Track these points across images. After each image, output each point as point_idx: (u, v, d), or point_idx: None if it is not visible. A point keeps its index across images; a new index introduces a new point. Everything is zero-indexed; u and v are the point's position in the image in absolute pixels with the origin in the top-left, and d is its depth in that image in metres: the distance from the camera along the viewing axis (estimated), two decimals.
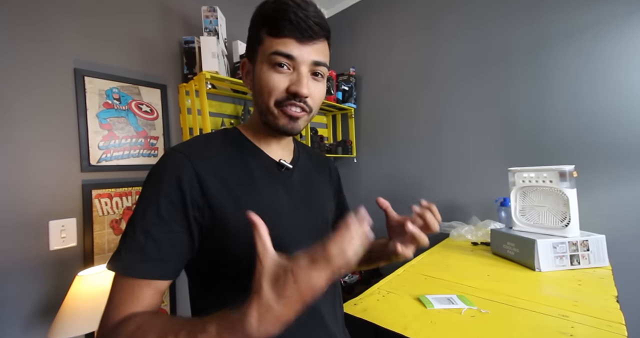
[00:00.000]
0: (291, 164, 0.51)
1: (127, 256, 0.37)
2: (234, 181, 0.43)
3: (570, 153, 1.15)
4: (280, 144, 0.51)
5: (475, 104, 1.40)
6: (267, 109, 0.44)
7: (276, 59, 0.42)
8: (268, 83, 0.42)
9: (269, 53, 0.42)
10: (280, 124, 0.44)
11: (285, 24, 0.40)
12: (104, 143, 1.06)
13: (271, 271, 0.28)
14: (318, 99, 0.46)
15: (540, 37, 1.21)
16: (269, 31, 0.42)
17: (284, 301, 0.27)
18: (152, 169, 0.42)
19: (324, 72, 0.46)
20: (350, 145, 1.80)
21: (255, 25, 0.45)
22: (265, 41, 0.43)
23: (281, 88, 0.42)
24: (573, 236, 0.84)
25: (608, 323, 0.55)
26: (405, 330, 0.56)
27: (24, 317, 0.89)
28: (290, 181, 0.50)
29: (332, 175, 0.63)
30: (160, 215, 0.38)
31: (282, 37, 0.41)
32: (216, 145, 0.46)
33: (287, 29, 0.41)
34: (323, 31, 0.43)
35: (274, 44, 0.42)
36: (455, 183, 1.46)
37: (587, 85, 1.12)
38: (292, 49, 0.41)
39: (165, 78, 1.25)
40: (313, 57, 0.43)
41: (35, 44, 0.93)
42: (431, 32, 1.53)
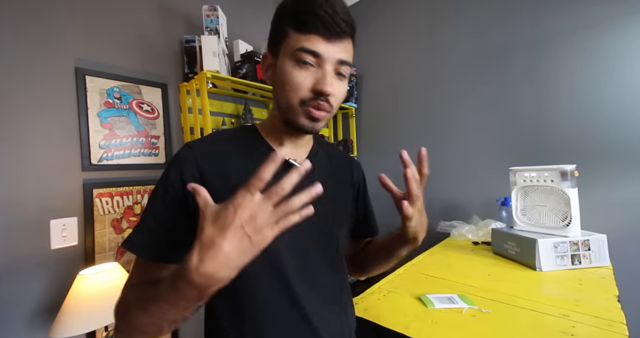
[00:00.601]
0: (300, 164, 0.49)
1: (137, 237, 0.42)
2: (236, 177, 0.43)
3: (571, 152, 1.14)
4: (296, 143, 0.50)
5: (476, 103, 1.40)
6: (289, 106, 0.43)
7: (301, 56, 0.41)
8: (292, 80, 0.41)
9: (294, 49, 0.41)
10: (301, 122, 0.44)
11: (313, 19, 0.39)
12: (105, 142, 1.06)
13: (211, 210, 0.30)
14: (340, 99, 0.45)
15: (543, 35, 1.21)
16: (295, 26, 0.41)
17: (226, 238, 0.27)
18: (168, 166, 0.45)
19: (348, 72, 0.45)
20: (351, 144, 1.80)
21: (280, 19, 0.44)
22: (290, 36, 0.42)
23: (306, 86, 0.42)
24: (574, 236, 0.83)
25: (609, 323, 0.55)
26: (407, 330, 0.56)
27: (26, 315, 0.89)
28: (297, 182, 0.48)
29: (354, 177, 0.60)
30: (165, 202, 0.42)
31: (308, 33, 0.40)
32: (228, 141, 0.48)
33: (313, 25, 0.40)
34: (350, 29, 0.42)
35: (300, 39, 0.41)
36: (457, 183, 1.46)
37: (589, 84, 1.12)
38: (318, 46, 0.40)
39: (166, 77, 1.25)
40: (338, 56, 0.42)
41: (36, 43, 0.93)
42: (433, 32, 1.53)
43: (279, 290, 0.44)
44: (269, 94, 1.48)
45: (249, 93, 1.47)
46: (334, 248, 0.51)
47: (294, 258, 0.45)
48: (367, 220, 0.65)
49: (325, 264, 0.49)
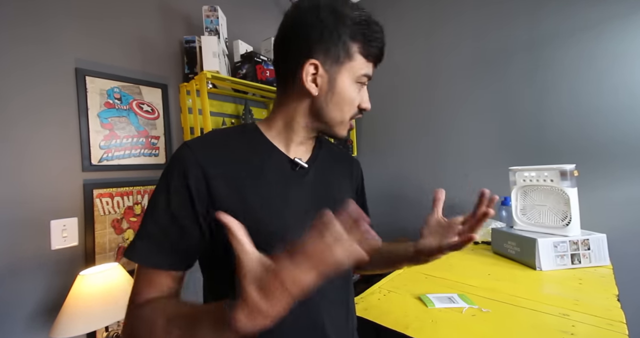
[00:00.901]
0: (307, 163, 0.50)
1: (140, 245, 0.40)
2: (242, 178, 0.43)
3: (571, 152, 1.15)
4: (303, 144, 0.51)
5: (476, 103, 1.40)
6: (342, 120, 0.47)
7: (363, 79, 0.46)
8: (353, 99, 0.46)
9: (360, 74, 0.46)
10: (343, 134, 0.49)
11: (378, 52, 0.46)
12: (105, 142, 1.06)
13: (253, 272, 0.28)
14: None
15: (542, 36, 1.21)
16: (362, 51, 0.45)
17: (270, 301, 0.27)
18: (167, 163, 0.46)
19: None
20: (351, 145, 1.80)
21: (344, 35, 0.44)
22: (356, 59, 0.45)
23: (356, 103, 0.47)
24: (574, 235, 0.84)
25: (609, 322, 0.55)
26: (407, 329, 0.56)
27: (26, 315, 0.89)
28: (304, 180, 0.48)
29: (354, 175, 0.61)
30: (170, 208, 0.40)
31: (371, 61, 0.47)
32: (230, 140, 0.46)
33: (375, 56, 0.46)
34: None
35: (366, 66, 0.46)
36: (456, 183, 1.46)
37: (588, 84, 1.12)
38: (371, 71, 0.48)
39: (166, 77, 1.25)
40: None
41: (37, 44, 0.93)
42: (433, 34, 1.53)
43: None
44: (269, 94, 1.48)
45: (249, 93, 1.48)
46: None
47: None
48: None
49: None
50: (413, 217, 1.61)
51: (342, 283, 0.51)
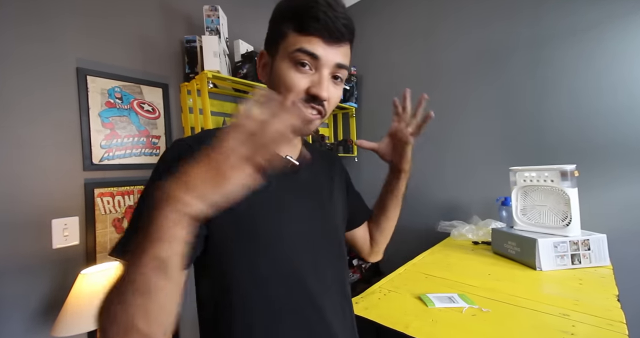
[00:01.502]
0: (297, 161, 0.48)
1: (127, 242, 0.36)
2: None
3: (571, 152, 1.15)
4: (290, 142, 0.50)
5: (476, 103, 1.40)
6: None
7: (299, 57, 0.40)
8: (287, 81, 0.41)
9: (292, 50, 0.40)
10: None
11: (314, 22, 0.39)
12: (106, 142, 1.07)
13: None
14: (334, 103, 0.46)
15: (542, 36, 1.21)
16: (295, 27, 0.40)
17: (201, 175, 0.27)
18: (159, 159, 0.41)
19: (344, 76, 0.45)
20: (352, 144, 1.80)
21: (279, 18, 0.43)
22: (289, 37, 0.41)
23: (301, 88, 0.41)
24: (574, 235, 0.84)
25: (609, 322, 0.55)
26: (407, 329, 0.56)
27: (28, 314, 0.89)
28: (297, 177, 0.48)
29: (340, 170, 0.62)
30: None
31: (308, 35, 0.40)
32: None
33: (314, 28, 0.39)
34: (350, 34, 0.42)
35: (299, 40, 0.40)
36: (457, 183, 1.46)
37: (590, 84, 1.12)
38: (317, 49, 0.40)
39: (167, 77, 1.25)
40: (337, 60, 0.42)
41: (38, 44, 0.94)
42: (433, 32, 1.53)
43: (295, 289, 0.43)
44: None
45: (250, 93, 1.48)
46: (338, 243, 0.52)
47: (308, 256, 0.45)
48: (362, 206, 0.68)
49: (332, 259, 0.49)
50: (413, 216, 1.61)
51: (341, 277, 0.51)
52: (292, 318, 0.42)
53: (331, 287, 0.47)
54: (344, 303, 0.51)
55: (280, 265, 0.42)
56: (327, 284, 0.47)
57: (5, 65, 0.88)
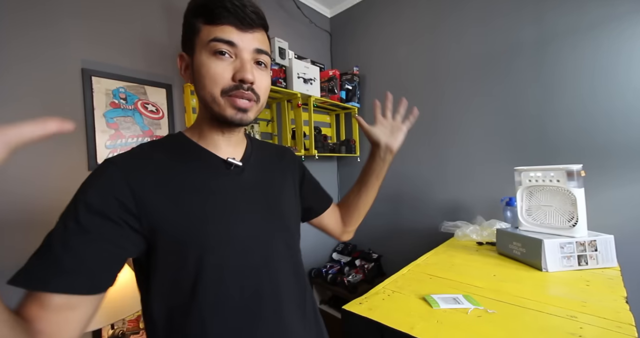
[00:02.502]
0: (242, 161, 0.49)
1: (40, 270, 0.33)
2: (175, 186, 0.41)
3: (577, 152, 1.13)
4: (230, 141, 0.49)
5: (480, 102, 1.39)
6: (212, 99, 0.42)
7: (216, 46, 0.41)
8: (210, 71, 0.41)
9: (207, 40, 0.41)
10: (228, 114, 0.43)
11: (222, 11, 0.40)
12: (111, 142, 1.07)
13: None
14: (264, 88, 0.46)
15: (548, 33, 1.20)
16: (206, 20, 0.41)
17: None
18: (85, 180, 0.39)
19: (267, 62, 0.46)
20: (354, 144, 1.80)
21: (190, 16, 0.43)
22: (202, 30, 0.42)
23: (226, 76, 0.41)
24: (581, 236, 0.83)
25: (617, 325, 0.54)
26: (412, 330, 0.55)
27: None
28: (241, 178, 0.48)
29: (291, 164, 0.61)
30: (81, 225, 0.35)
31: (220, 24, 0.41)
32: (157, 152, 0.44)
33: (224, 17, 0.40)
34: (260, 20, 0.43)
35: (212, 31, 0.41)
36: (460, 183, 1.45)
37: (596, 83, 1.11)
38: (232, 36, 0.41)
39: (171, 78, 1.25)
40: (254, 45, 0.42)
41: (44, 45, 0.95)
42: (436, 31, 1.53)
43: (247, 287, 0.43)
44: (272, 94, 1.48)
45: None
46: (291, 236, 0.53)
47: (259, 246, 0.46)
48: (322, 195, 0.68)
49: (284, 255, 0.49)
50: (416, 216, 1.60)
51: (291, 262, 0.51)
52: (245, 318, 0.43)
53: (286, 282, 0.48)
54: (302, 298, 0.51)
55: (230, 266, 0.43)
56: (281, 280, 0.47)
57: (12, 66, 0.89)
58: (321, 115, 1.89)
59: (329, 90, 1.68)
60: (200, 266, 0.41)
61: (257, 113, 0.47)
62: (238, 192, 0.46)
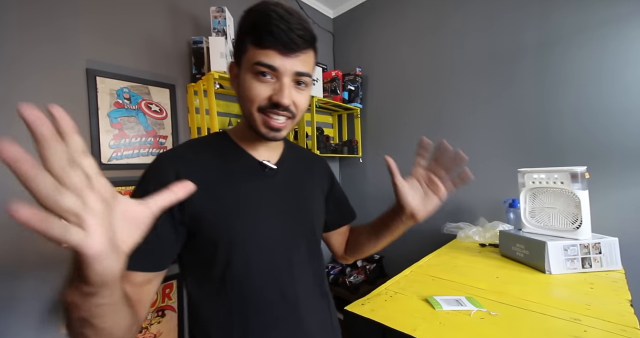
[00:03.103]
0: (276, 165, 0.52)
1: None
2: (214, 182, 0.46)
3: (582, 154, 1.13)
4: (268, 146, 0.53)
5: (484, 103, 1.38)
6: (250, 114, 0.46)
7: (259, 69, 0.43)
8: (251, 91, 0.44)
9: (252, 63, 0.43)
10: (261, 131, 0.46)
11: (268, 37, 0.41)
12: (115, 142, 1.08)
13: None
14: (302, 107, 0.48)
15: (552, 34, 1.19)
16: (253, 41, 0.43)
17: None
18: (143, 172, 0.45)
19: (308, 82, 0.47)
20: (356, 145, 1.80)
21: (240, 33, 0.46)
22: (249, 50, 0.44)
23: (263, 96, 0.44)
24: (585, 239, 0.82)
25: (622, 328, 0.54)
26: (415, 331, 0.55)
27: (39, 310, 0.91)
28: (274, 181, 0.51)
29: (322, 172, 0.63)
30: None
31: (264, 48, 0.42)
32: (202, 149, 0.49)
33: (269, 41, 0.42)
34: (306, 43, 0.44)
35: (257, 54, 0.43)
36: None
37: (600, 83, 1.10)
38: (274, 61, 0.42)
39: (174, 78, 1.26)
40: (295, 68, 0.44)
41: (49, 46, 0.95)
42: (439, 31, 1.52)
43: (269, 286, 0.47)
44: None
45: None
46: (315, 241, 0.55)
47: (282, 247, 0.49)
48: (343, 208, 0.69)
49: (307, 258, 0.52)
50: None
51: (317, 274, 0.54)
52: (265, 313, 0.46)
53: (306, 284, 0.51)
54: (322, 302, 0.53)
55: (254, 263, 0.46)
56: (302, 282, 0.50)
57: (17, 67, 0.90)
58: (323, 115, 1.89)
59: (331, 90, 1.68)
60: (228, 260, 0.44)
61: (291, 128, 0.50)
62: (269, 194, 0.50)
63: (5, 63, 0.87)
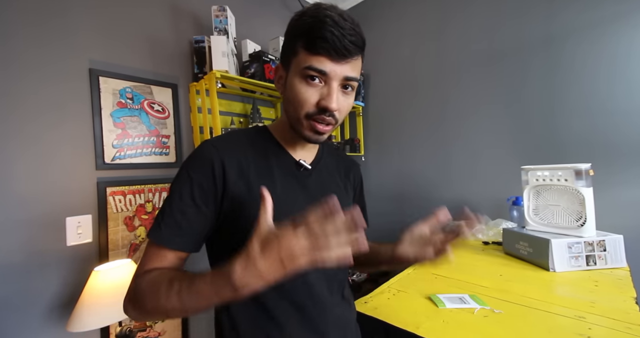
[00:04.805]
0: (311, 165, 0.53)
1: (166, 230, 0.43)
2: (253, 175, 0.47)
3: (586, 151, 1.12)
4: (305, 146, 0.54)
5: (487, 100, 1.38)
6: (296, 119, 0.47)
7: (309, 73, 0.43)
8: (299, 95, 0.44)
9: (302, 67, 0.43)
10: (306, 134, 0.47)
11: (321, 42, 0.41)
12: (118, 141, 1.08)
13: (263, 234, 0.33)
14: (345, 112, 0.48)
15: (556, 31, 1.18)
16: (304, 46, 0.43)
17: (266, 260, 0.31)
18: (189, 156, 0.47)
19: (354, 86, 0.47)
20: (358, 143, 1.80)
21: (291, 36, 0.46)
22: (300, 54, 0.44)
23: (312, 101, 0.44)
24: (589, 236, 0.82)
25: (627, 325, 0.54)
26: (418, 329, 0.55)
27: (44, 309, 0.92)
28: (307, 181, 0.52)
29: (351, 179, 0.63)
30: (194, 198, 0.44)
31: (316, 54, 0.42)
32: (245, 142, 0.50)
33: (322, 47, 0.42)
34: (357, 49, 0.44)
35: (308, 59, 0.43)
36: (466, 182, 1.44)
37: (604, 81, 1.09)
38: (325, 66, 0.43)
39: (176, 77, 1.26)
40: (345, 73, 0.44)
41: (52, 45, 0.96)
42: (442, 29, 1.51)
43: (299, 285, 0.47)
44: (277, 93, 1.48)
45: (257, 92, 1.48)
46: None
47: None
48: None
49: None
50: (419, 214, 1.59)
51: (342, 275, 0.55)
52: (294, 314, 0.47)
53: (332, 285, 0.51)
54: (345, 304, 0.54)
55: None
56: (330, 282, 0.51)
57: (20, 66, 0.90)
58: None
59: None
60: None
61: (332, 131, 0.51)
62: (302, 193, 0.50)
63: (8, 62, 0.88)
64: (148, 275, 0.41)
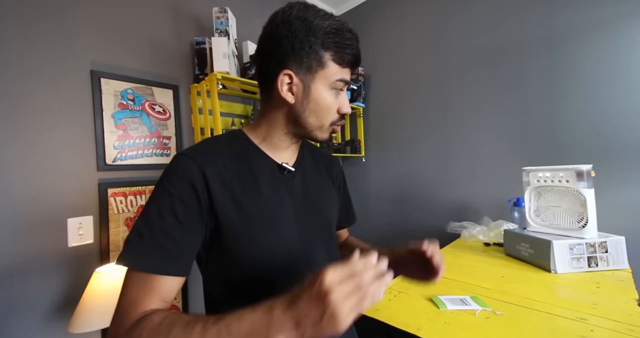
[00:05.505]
0: (294, 167, 0.53)
1: (148, 254, 0.38)
2: (237, 185, 0.45)
3: (587, 152, 1.12)
4: (289, 149, 0.53)
5: (487, 101, 1.37)
6: (319, 126, 0.49)
7: (339, 85, 0.47)
8: (330, 105, 0.48)
9: (334, 79, 0.47)
10: (325, 138, 0.51)
11: (352, 58, 0.47)
12: (119, 143, 1.09)
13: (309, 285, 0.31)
14: None
15: (557, 32, 1.18)
16: (336, 59, 0.46)
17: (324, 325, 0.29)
18: (164, 172, 0.43)
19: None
20: (359, 144, 1.80)
21: (315, 45, 0.45)
22: (329, 66, 0.46)
23: (335, 109, 0.49)
24: (591, 237, 0.81)
25: (629, 327, 0.53)
26: (419, 331, 0.55)
27: (45, 310, 0.92)
28: (292, 184, 0.52)
29: (334, 174, 0.64)
30: (177, 216, 0.40)
31: (346, 67, 0.48)
32: (222, 149, 0.48)
33: (350, 61, 0.48)
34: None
35: (339, 71, 0.47)
36: (467, 183, 1.44)
37: (606, 82, 1.09)
38: (348, 76, 0.49)
39: (177, 79, 1.27)
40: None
41: (54, 47, 0.96)
42: (442, 29, 1.51)
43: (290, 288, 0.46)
44: None
45: (258, 94, 1.48)
46: (333, 243, 0.56)
47: (303, 249, 0.49)
48: (347, 210, 0.69)
49: (325, 257, 0.52)
50: (420, 215, 1.59)
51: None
52: None
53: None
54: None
55: (275, 260, 0.46)
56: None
57: (22, 68, 0.91)
58: None
59: None
60: (249, 263, 0.45)
61: None
62: (288, 197, 0.50)
63: (10, 64, 0.88)
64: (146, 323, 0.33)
